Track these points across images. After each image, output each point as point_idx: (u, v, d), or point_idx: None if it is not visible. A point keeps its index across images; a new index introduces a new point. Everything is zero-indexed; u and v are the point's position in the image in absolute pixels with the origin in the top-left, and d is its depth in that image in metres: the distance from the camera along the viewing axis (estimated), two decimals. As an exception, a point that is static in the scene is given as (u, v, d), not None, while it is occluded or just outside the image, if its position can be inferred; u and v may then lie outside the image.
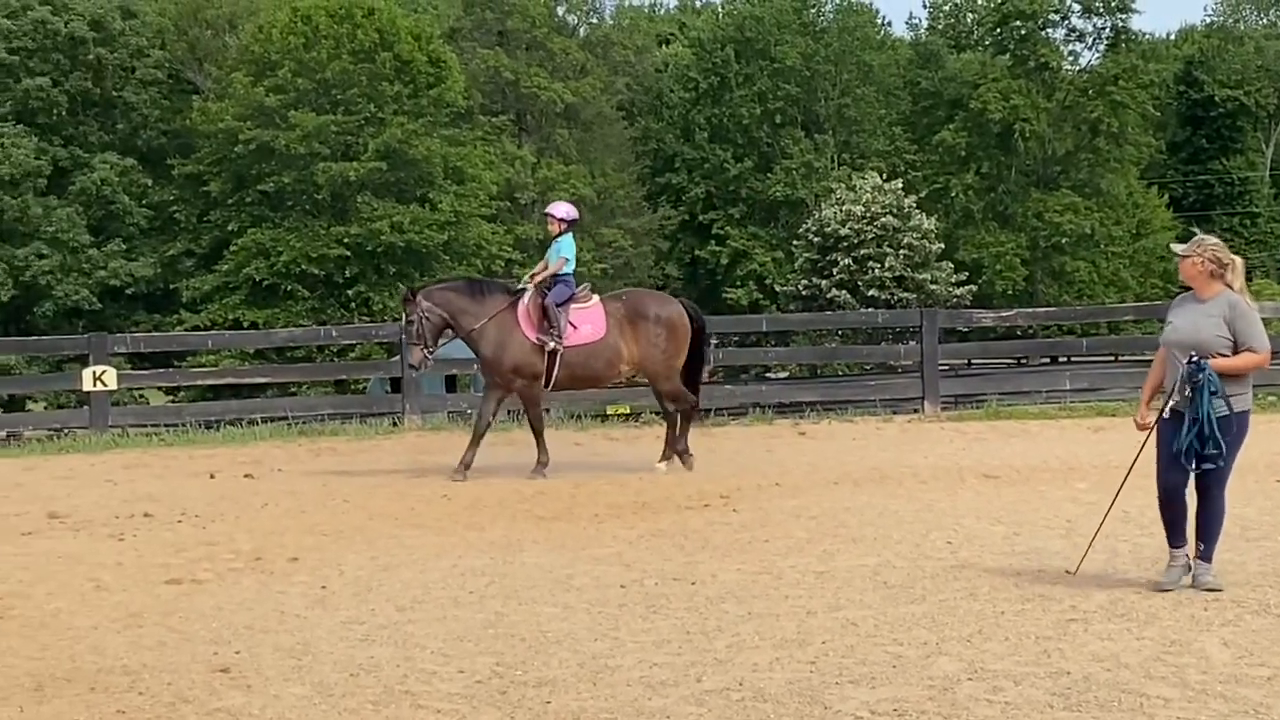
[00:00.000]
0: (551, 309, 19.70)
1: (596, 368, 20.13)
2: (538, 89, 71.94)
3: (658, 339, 20.06)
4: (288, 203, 63.12)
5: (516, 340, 19.73)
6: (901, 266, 59.05)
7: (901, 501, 15.95)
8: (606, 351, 19.98)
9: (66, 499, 18.03)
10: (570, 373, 19.97)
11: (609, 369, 20.28)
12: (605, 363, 20.08)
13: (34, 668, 9.58)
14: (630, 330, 20.02)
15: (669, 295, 22.50)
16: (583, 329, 19.85)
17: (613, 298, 20.78)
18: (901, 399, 29.98)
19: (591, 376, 20.43)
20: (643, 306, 20.44)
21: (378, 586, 11.95)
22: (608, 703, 8.45)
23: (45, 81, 62.72)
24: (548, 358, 19.74)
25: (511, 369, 19.81)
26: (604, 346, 19.93)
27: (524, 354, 19.75)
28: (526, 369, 19.78)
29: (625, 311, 20.18)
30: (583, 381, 20.68)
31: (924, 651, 9.41)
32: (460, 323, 19.86)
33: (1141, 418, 11.36)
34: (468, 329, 19.84)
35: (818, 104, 79.20)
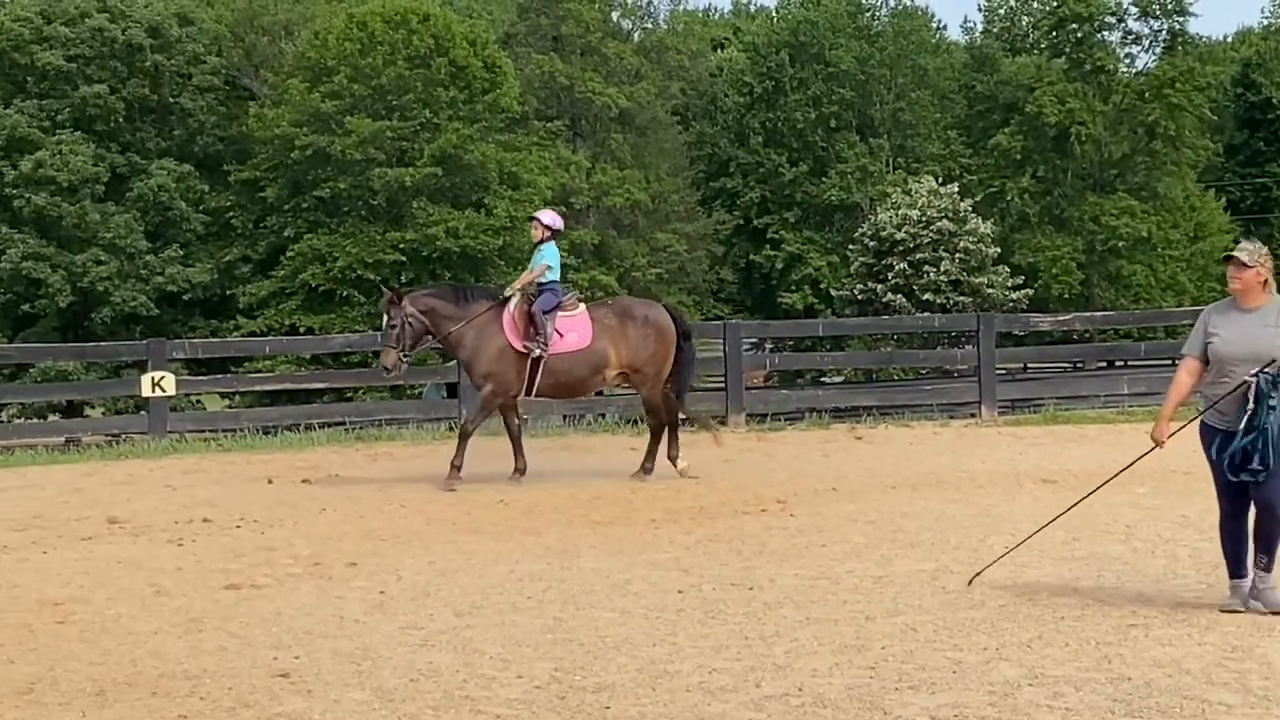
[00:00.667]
0: (539, 316, 19.53)
1: (580, 375, 20.01)
2: (592, 94, 71.90)
3: (647, 341, 20.00)
4: (343, 208, 63.22)
5: (495, 346, 19.61)
6: (957, 270, 58.89)
7: (959, 506, 15.92)
8: (592, 359, 19.86)
9: (126, 504, 18.11)
10: (554, 380, 19.85)
11: (593, 376, 20.19)
12: (590, 370, 19.97)
13: (95, 673, 9.62)
14: (619, 335, 19.94)
15: (654, 300, 22.43)
16: (568, 337, 19.71)
17: (599, 305, 20.88)
18: (958, 403, 29.90)
19: (575, 384, 20.28)
20: (631, 310, 20.47)
21: (436, 591, 11.97)
22: (666, 708, 8.45)
23: (103, 88, 62.94)
24: (530, 365, 19.58)
25: (483, 374, 19.71)
26: (590, 354, 19.82)
27: (499, 360, 19.60)
28: (498, 376, 19.64)
29: (613, 317, 20.12)
30: (566, 389, 20.53)
31: (984, 657, 9.38)
32: (440, 328, 19.71)
33: (1161, 434, 11.14)
34: (445, 333, 19.72)
35: (873, 108, 78.97)
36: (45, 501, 18.63)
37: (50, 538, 15.62)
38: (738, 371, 27.76)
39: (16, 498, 19.19)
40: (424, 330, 19.72)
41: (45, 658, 10.06)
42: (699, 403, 30.85)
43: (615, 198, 70.86)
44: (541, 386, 19.84)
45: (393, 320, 19.64)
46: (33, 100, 63.13)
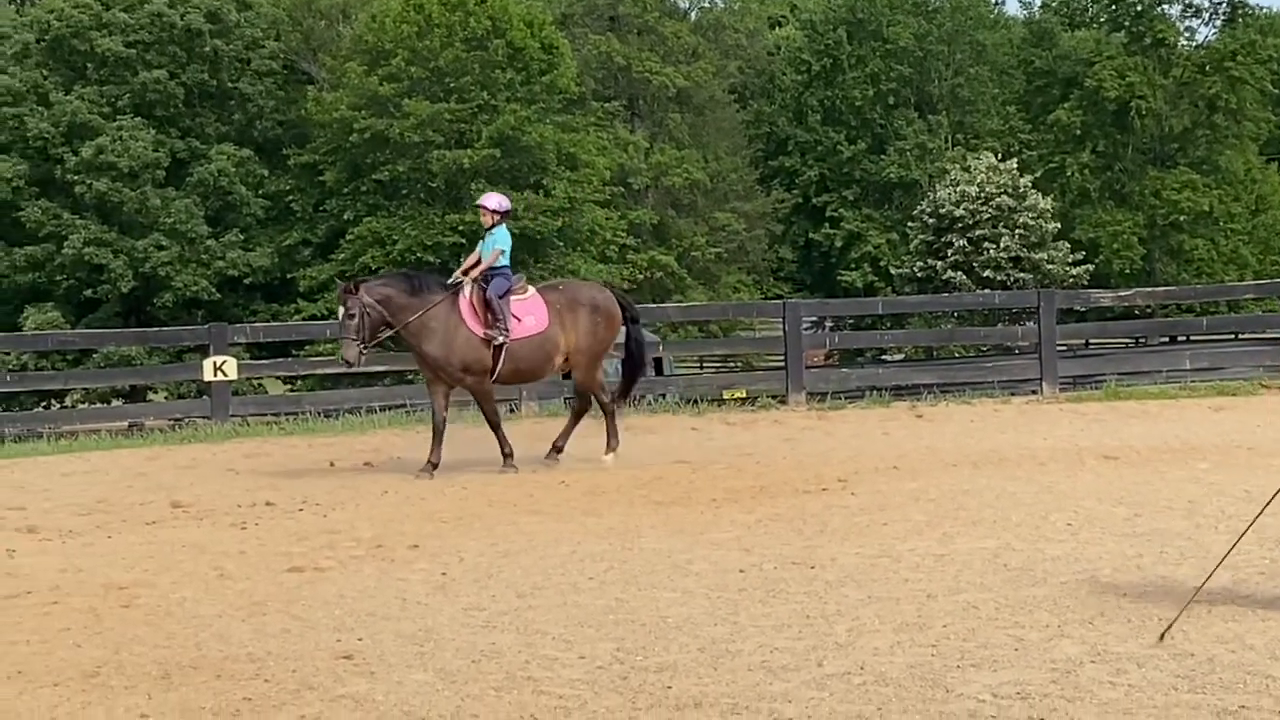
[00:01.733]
0: (495, 302, 19.26)
1: (539, 360, 19.78)
2: (649, 74, 71.84)
3: (596, 327, 19.92)
4: (402, 191, 63.36)
5: (463, 336, 19.26)
6: (1017, 247, 58.59)
7: (1020, 483, 15.88)
8: (549, 343, 19.68)
9: (189, 488, 18.22)
10: (515, 366, 19.59)
11: (550, 361, 19.94)
12: (546, 355, 19.75)
13: (160, 655, 9.68)
14: (570, 318, 19.77)
15: (601, 284, 22.13)
16: (525, 321, 19.49)
17: (549, 288, 20.57)
18: (1019, 380, 29.85)
19: (534, 369, 20.03)
20: (581, 296, 20.28)
21: (498, 573, 12.00)
22: (728, 687, 8.45)
23: (162, 74, 63.21)
24: (493, 352, 19.33)
25: (462, 367, 19.33)
26: (547, 338, 19.64)
27: (472, 350, 19.27)
28: (476, 365, 19.33)
29: (564, 301, 19.90)
30: (525, 375, 20.31)
31: (1046, 634, 9.36)
32: (398, 318, 19.19)
33: None
34: (404, 323, 19.21)
35: (931, 84, 78.67)
36: (109, 486, 18.76)
37: (115, 522, 15.73)
38: (798, 350, 27.73)
39: (81, 482, 19.33)
40: (381, 320, 19.21)
41: (111, 641, 10.13)
42: (758, 382, 30.91)
43: (673, 177, 70.80)
44: (503, 373, 19.57)
45: (351, 311, 19.03)
46: (93, 86, 63.41)
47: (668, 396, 28.65)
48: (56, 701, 8.68)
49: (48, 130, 61.53)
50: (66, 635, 10.35)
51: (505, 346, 19.25)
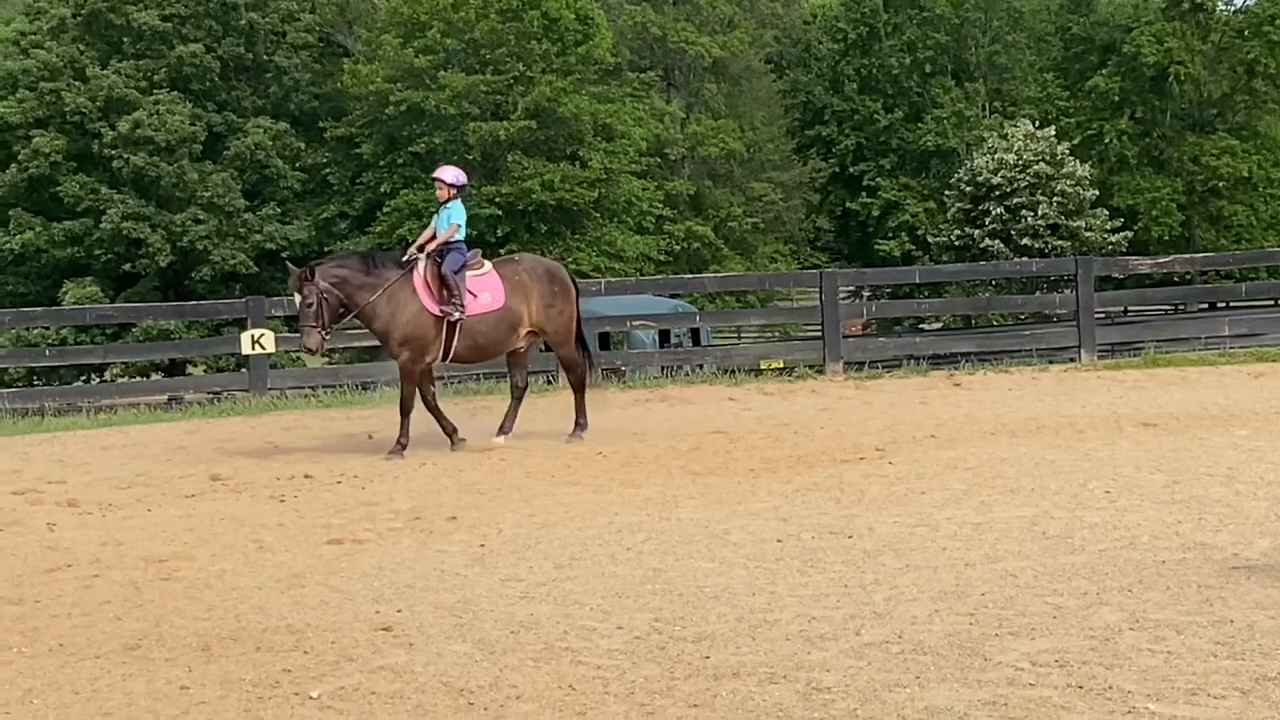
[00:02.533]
0: (451, 278, 18.71)
1: (497, 336, 19.28)
2: (685, 44, 71.76)
3: (554, 299, 19.56)
4: (439, 163, 63.37)
5: (411, 311, 18.69)
6: (1055, 214, 58.48)
7: (1059, 451, 15.85)
8: (508, 318, 19.21)
9: (228, 461, 18.28)
10: (472, 343, 19.06)
11: (509, 337, 19.40)
12: (506, 330, 19.28)
13: (200, 628, 9.72)
14: (529, 293, 19.37)
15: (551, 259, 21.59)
16: (482, 297, 18.99)
17: (505, 263, 20.04)
18: (1057, 348, 29.80)
19: (492, 345, 19.44)
20: (536, 269, 19.84)
21: (536, 544, 12.02)
22: (766, 656, 8.46)
23: (198, 48, 63.34)
24: (447, 329, 18.81)
25: (400, 341, 18.74)
26: (505, 314, 19.17)
27: (417, 326, 18.70)
28: (416, 342, 18.75)
29: (521, 274, 19.48)
30: (483, 351, 19.60)
31: (1084, 602, 9.34)
32: (355, 299, 18.62)
33: None
34: (362, 304, 18.62)
35: (968, 52, 78.39)
36: (149, 459, 18.84)
37: (154, 495, 15.79)
38: (835, 320, 27.71)
39: (120, 456, 19.41)
40: (339, 303, 18.62)
41: (151, 614, 10.17)
42: (796, 352, 30.89)
43: (710, 148, 70.73)
44: (459, 350, 19.05)
45: (309, 299, 18.41)
46: (129, 61, 63.59)
47: (705, 367, 28.67)
48: (98, 674, 8.72)
49: (85, 105, 61.73)
50: (107, 608, 10.40)
51: (461, 323, 18.77)
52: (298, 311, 18.76)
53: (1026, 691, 7.64)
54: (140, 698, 8.22)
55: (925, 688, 7.79)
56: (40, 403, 28.28)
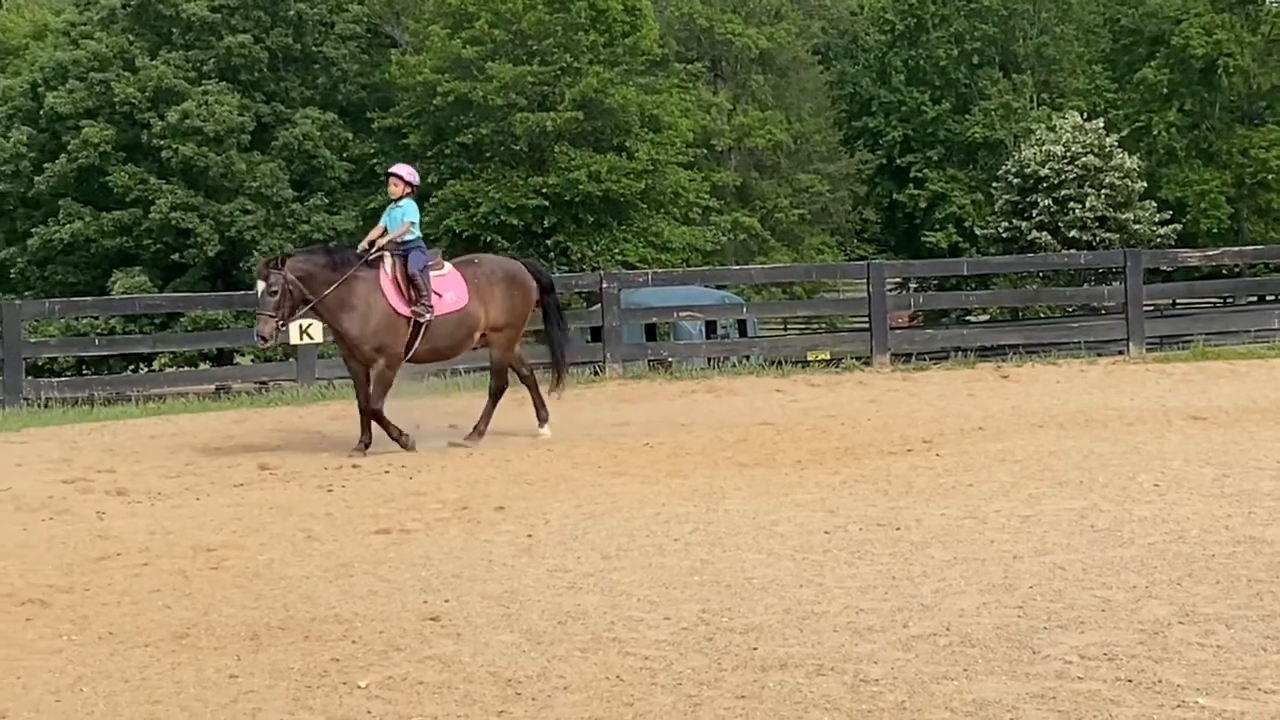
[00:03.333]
0: (419, 277, 18.39)
1: (458, 338, 18.91)
2: (732, 35, 71.67)
3: (513, 302, 19.22)
4: (486, 154, 63.47)
5: (380, 312, 18.29)
6: (1103, 207, 58.35)
7: (1107, 444, 15.79)
8: (469, 320, 18.84)
9: (276, 451, 18.34)
10: (432, 345, 18.65)
11: (469, 338, 19.07)
12: (466, 332, 18.91)
13: (249, 617, 9.76)
14: (488, 294, 19.01)
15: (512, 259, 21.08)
16: (446, 297, 18.62)
17: (465, 263, 19.61)
18: (1106, 341, 29.72)
19: (452, 347, 19.08)
20: (497, 270, 19.48)
21: (583, 534, 12.03)
22: (814, 648, 8.45)
23: (247, 38, 63.53)
24: (412, 329, 18.42)
25: (377, 347, 18.24)
26: (466, 315, 18.80)
27: (390, 327, 18.29)
28: (391, 344, 18.32)
29: (481, 276, 19.13)
30: (443, 353, 19.25)
31: (1133, 595, 9.31)
32: (316, 292, 18.12)
33: None
34: (321, 297, 18.15)
35: (1016, 43, 78.12)
36: (197, 448, 18.89)
37: (203, 484, 15.85)
38: (882, 312, 27.66)
39: (169, 445, 19.48)
40: (301, 297, 18.14)
41: (200, 603, 10.21)
42: (843, 343, 30.86)
43: (757, 139, 70.66)
44: (420, 351, 18.65)
45: (274, 287, 17.92)
46: (178, 51, 63.82)
47: (752, 358, 28.63)
48: (147, 662, 8.77)
49: (134, 95, 61.98)
50: (156, 596, 10.45)
51: (425, 324, 18.40)
52: (257, 299, 18.26)
53: (1075, 685, 7.63)
54: (189, 686, 8.26)
55: (973, 680, 7.78)
56: (89, 392, 28.43)
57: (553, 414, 19.79)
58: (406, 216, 18.90)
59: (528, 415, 19.70)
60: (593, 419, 20.43)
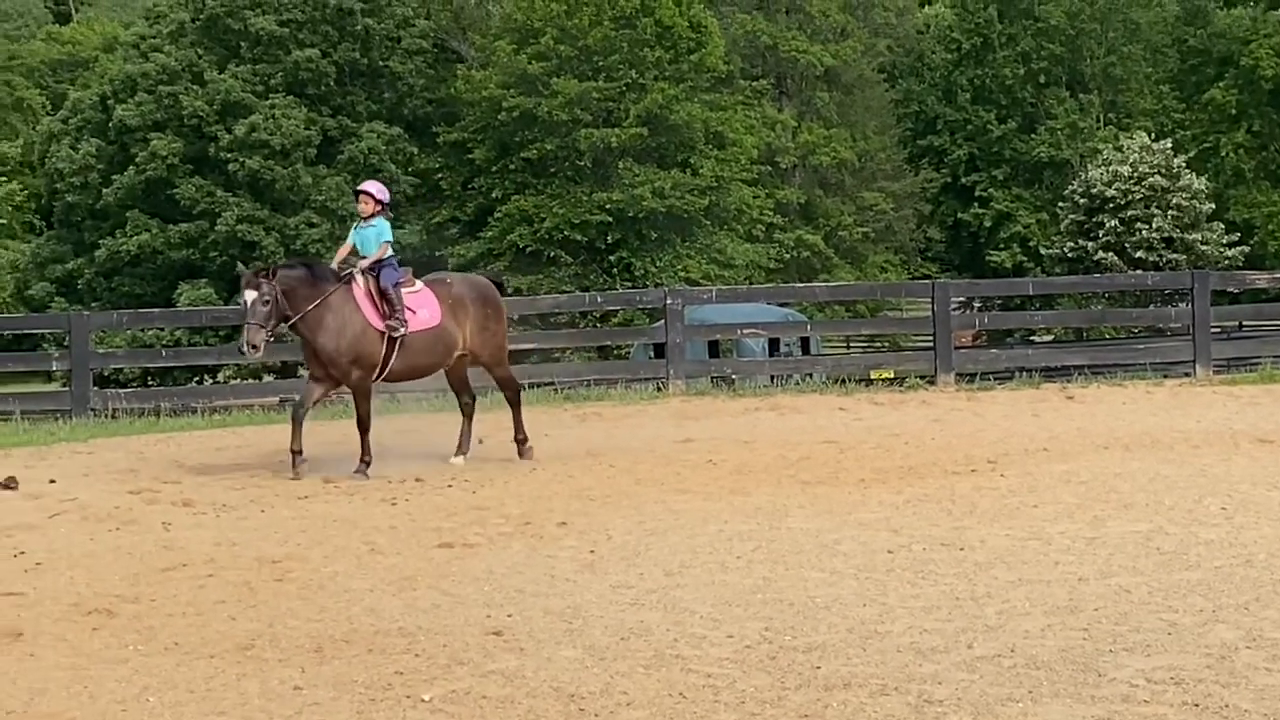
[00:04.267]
0: (391, 292, 17.93)
1: (435, 355, 18.48)
2: (797, 53, 71.64)
3: (487, 320, 18.91)
4: (550, 169, 63.63)
5: (357, 327, 17.83)
6: (1170, 228, 58.06)
7: (1173, 467, 15.71)
8: (445, 338, 18.42)
9: (340, 464, 18.38)
10: (408, 361, 18.21)
11: (445, 356, 18.62)
12: (443, 349, 18.50)
13: (313, 629, 9.79)
14: (463, 313, 18.63)
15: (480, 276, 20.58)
16: (420, 314, 18.17)
17: (436, 281, 19.04)
18: (1172, 362, 29.52)
19: (430, 364, 18.61)
20: (468, 289, 19.00)
21: (645, 551, 12.03)
22: (878, 668, 8.44)
23: (314, 53, 63.88)
24: (388, 345, 17.96)
25: (353, 360, 17.80)
26: (441, 332, 18.36)
27: (368, 343, 17.84)
28: (367, 359, 17.90)
29: (454, 296, 18.67)
30: (420, 371, 18.68)
31: (1200, 619, 9.26)
32: (297, 308, 17.64)
33: None
34: (302, 313, 17.66)
35: (1083, 63, 77.84)
36: (262, 461, 18.95)
37: (268, 496, 15.91)
38: (946, 331, 27.56)
39: (234, 457, 19.57)
40: (283, 312, 17.69)
41: (264, 614, 10.25)
42: (906, 362, 30.78)
43: (821, 156, 70.63)
44: (395, 368, 18.25)
45: (266, 297, 17.46)
46: (246, 65, 64.21)
47: (815, 376, 28.57)
48: (212, 673, 8.81)
49: (202, 108, 62.37)
50: (221, 608, 10.49)
51: (400, 340, 18.00)
52: (244, 309, 17.60)
53: (1141, 709, 7.60)
54: (254, 697, 8.30)
55: (1038, 703, 7.75)
56: (156, 403, 28.51)
57: (617, 430, 19.78)
58: (383, 237, 18.43)
59: (579, 432, 19.69)
60: (656, 435, 20.40)
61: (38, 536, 13.41)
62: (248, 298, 17.53)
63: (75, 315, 31.34)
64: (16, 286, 68.95)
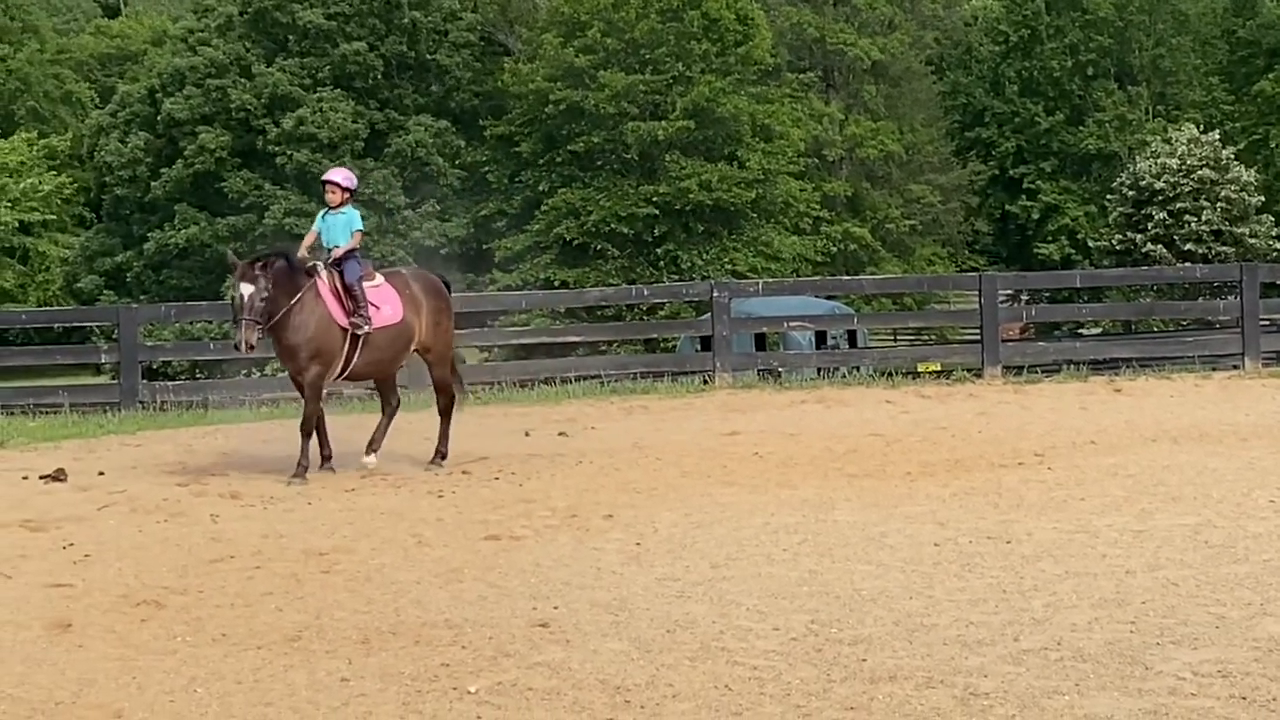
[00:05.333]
0: (356, 288, 17.21)
1: (395, 351, 17.71)
2: (844, 45, 71.59)
3: (440, 316, 18.18)
4: (597, 162, 63.70)
5: (321, 323, 17.00)
6: (1219, 220, 57.82)
7: (1222, 459, 15.63)
8: (406, 333, 17.66)
9: (387, 456, 18.40)
10: (371, 358, 17.44)
11: (405, 352, 17.93)
12: (404, 345, 17.74)
13: (360, 621, 9.82)
14: (420, 308, 17.85)
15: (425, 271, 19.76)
16: (384, 310, 17.40)
17: (393, 275, 18.33)
18: (1221, 355, 29.38)
19: (392, 360, 17.87)
20: (424, 284, 18.28)
21: (692, 543, 12.02)
22: (924, 661, 8.42)
23: (362, 46, 64.09)
24: (350, 342, 17.19)
25: (311, 355, 17.02)
26: (403, 328, 17.60)
27: (327, 338, 17.03)
28: (326, 355, 17.10)
29: (411, 290, 17.90)
30: (382, 367, 17.90)
31: (1248, 612, 9.22)
32: (278, 305, 16.78)
33: None
34: (282, 310, 16.82)
35: (1131, 55, 77.59)
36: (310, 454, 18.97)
37: (314, 488, 15.95)
38: (993, 324, 27.46)
39: (282, 450, 19.59)
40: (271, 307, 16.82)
41: (312, 606, 10.28)
42: (953, 355, 30.72)
43: (869, 149, 70.55)
44: (358, 366, 17.52)
45: (264, 292, 16.57)
46: (294, 58, 64.47)
47: (862, 369, 28.53)
48: (259, 664, 8.84)
49: (250, 102, 62.64)
50: (268, 599, 10.52)
51: (364, 338, 17.24)
52: (240, 304, 16.61)
53: (1188, 701, 7.57)
54: (301, 689, 8.33)
55: (1085, 695, 7.73)
56: (204, 395, 28.59)
57: (663, 423, 19.76)
58: (353, 225, 17.75)
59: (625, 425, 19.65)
60: (702, 428, 20.37)
61: (86, 528, 13.47)
62: (244, 291, 16.58)
63: (124, 308, 31.47)
64: (65, 280, 69.27)
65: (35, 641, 9.53)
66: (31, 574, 11.52)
